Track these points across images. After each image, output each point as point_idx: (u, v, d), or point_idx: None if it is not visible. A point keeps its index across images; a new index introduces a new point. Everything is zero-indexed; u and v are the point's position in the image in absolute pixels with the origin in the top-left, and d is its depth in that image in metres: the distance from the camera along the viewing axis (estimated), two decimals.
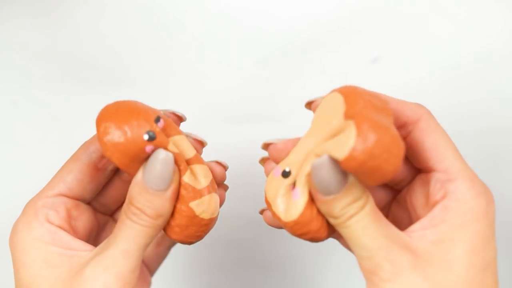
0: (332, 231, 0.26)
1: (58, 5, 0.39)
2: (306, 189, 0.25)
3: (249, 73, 0.40)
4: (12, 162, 0.42)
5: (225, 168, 0.30)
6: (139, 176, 0.26)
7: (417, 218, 0.27)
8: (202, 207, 0.27)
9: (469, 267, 0.23)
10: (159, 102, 0.31)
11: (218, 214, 0.28)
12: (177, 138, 0.28)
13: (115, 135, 0.24)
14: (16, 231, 0.26)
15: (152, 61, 0.40)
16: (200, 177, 0.28)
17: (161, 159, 0.25)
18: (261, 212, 0.29)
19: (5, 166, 0.42)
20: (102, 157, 0.28)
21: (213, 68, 0.40)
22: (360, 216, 0.24)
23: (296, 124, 0.33)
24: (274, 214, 0.26)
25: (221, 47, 0.40)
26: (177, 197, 0.27)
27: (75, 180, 0.28)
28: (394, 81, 0.39)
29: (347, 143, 0.22)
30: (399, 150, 0.22)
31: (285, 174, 0.26)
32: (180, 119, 0.29)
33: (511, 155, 0.40)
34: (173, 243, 0.33)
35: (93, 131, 0.27)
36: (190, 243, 0.28)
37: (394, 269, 0.23)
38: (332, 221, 0.25)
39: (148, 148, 0.25)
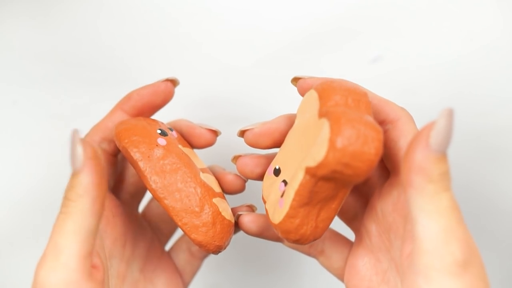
0: (316, 237, 0.26)
1: (58, 5, 0.39)
2: (289, 202, 0.25)
3: (249, 73, 0.40)
4: (12, 162, 0.42)
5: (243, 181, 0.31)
6: None
7: (386, 227, 0.27)
8: (222, 205, 0.28)
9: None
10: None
11: (234, 224, 0.29)
12: (186, 150, 0.29)
13: (134, 138, 0.27)
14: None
15: (151, 61, 0.40)
16: (213, 186, 0.29)
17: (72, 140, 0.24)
18: (237, 217, 0.30)
19: (5, 166, 0.42)
20: (110, 142, 0.30)
21: (213, 68, 0.40)
22: (450, 196, 0.22)
23: None
24: (266, 211, 0.28)
25: (221, 47, 0.40)
26: (201, 194, 0.28)
27: None
28: (394, 81, 0.39)
29: (320, 152, 0.23)
30: (375, 140, 0.22)
31: (276, 172, 0.27)
32: (215, 133, 0.31)
33: (511, 155, 0.40)
34: (205, 255, 0.33)
35: None
36: (216, 248, 0.28)
37: (452, 262, 0.22)
38: (426, 186, 0.22)
39: (160, 140, 0.27)
